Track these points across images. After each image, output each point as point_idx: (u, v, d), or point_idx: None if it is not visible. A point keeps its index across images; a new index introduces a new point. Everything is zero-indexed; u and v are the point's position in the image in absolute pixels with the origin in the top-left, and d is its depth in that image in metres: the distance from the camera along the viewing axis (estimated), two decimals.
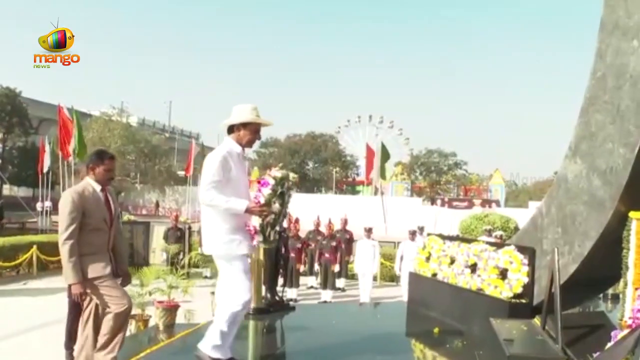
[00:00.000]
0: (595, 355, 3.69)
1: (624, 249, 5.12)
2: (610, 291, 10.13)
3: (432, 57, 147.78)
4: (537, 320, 5.12)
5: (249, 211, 4.44)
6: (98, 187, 4.87)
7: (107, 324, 4.71)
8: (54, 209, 29.67)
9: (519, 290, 5.61)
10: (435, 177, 63.78)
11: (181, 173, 48.00)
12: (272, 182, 4.92)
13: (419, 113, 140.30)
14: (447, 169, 65.10)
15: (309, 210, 19.62)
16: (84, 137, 22.71)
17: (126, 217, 22.60)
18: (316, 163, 66.26)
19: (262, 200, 4.68)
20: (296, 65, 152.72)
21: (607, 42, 5.17)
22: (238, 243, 4.46)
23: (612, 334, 3.93)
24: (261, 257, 7.17)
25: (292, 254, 13.65)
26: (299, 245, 14.10)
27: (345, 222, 15.44)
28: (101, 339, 4.71)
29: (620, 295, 5.55)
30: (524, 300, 5.62)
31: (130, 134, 50.18)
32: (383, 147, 22.59)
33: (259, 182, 4.99)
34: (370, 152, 32.22)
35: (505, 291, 5.71)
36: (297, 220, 14.58)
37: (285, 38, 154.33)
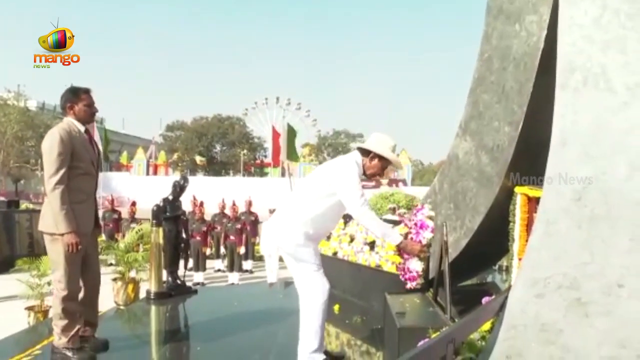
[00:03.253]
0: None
1: (511, 222, 5.38)
2: (505, 263, 10.63)
3: (337, 39, 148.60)
4: (430, 293, 5.31)
5: (402, 246, 4.18)
6: (82, 128, 4.49)
7: (53, 305, 4.49)
8: None
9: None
10: None
11: None
12: (430, 224, 4.61)
13: (326, 95, 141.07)
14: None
15: (216, 194, 19.46)
16: None
17: (24, 205, 21.60)
18: (223, 146, 65.63)
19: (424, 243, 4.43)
20: (202, 47, 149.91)
21: (493, 26, 5.37)
22: (311, 250, 4.15)
23: (483, 300, 4.13)
24: (160, 240, 7.07)
25: (198, 238, 13.53)
26: (205, 229, 13.98)
27: (249, 204, 15.40)
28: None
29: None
30: None
31: (28, 118, 47.86)
32: (289, 127, 22.60)
33: (415, 225, 4.69)
34: (275, 134, 32.10)
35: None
36: (202, 204, 14.44)
37: (191, 19, 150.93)
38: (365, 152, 4.26)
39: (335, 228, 6.07)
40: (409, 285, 4.41)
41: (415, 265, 4.37)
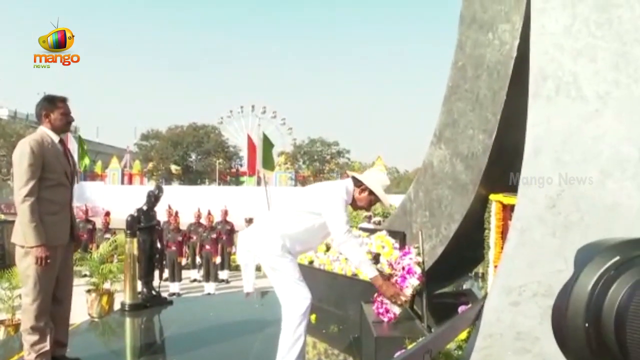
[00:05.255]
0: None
1: (486, 229, 5.41)
2: (481, 270, 10.67)
3: (312, 46, 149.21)
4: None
5: (378, 284, 4.11)
6: (56, 138, 4.41)
7: (22, 320, 4.37)
8: None
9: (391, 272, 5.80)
10: (318, 166, 64.64)
11: None
12: (418, 270, 4.47)
13: (302, 103, 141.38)
14: (330, 158, 66.17)
15: (192, 203, 19.35)
16: None
17: None
18: (199, 155, 65.24)
19: (409, 292, 4.34)
20: (176, 55, 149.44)
21: (466, 35, 5.41)
22: (288, 261, 4.08)
23: (460, 309, 4.14)
24: (135, 251, 6.99)
25: (173, 248, 13.42)
26: (180, 239, 13.87)
27: (225, 213, 15.30)
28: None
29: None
30: None
31: None
32: (265, 136, 22.55)
33: (403, 269, 4.61)
34: (251, 143, 32.10)
35: None
36: (176, 213, 14.33)
37: (165, 27, 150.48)
38: (357, 183, 4.26)
39: (316, 248, 6.04)
40: (382, 318, 4.39)
41: (394, 309, 4.34)
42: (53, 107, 4.44)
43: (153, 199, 7.40)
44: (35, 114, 4.55)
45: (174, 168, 61.30)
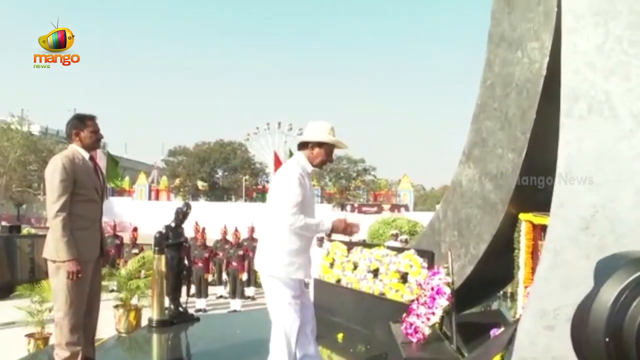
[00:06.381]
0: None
1: (516, 249, 5.34)
2: (509, 290, 10.53)
3: (338, 63, 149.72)
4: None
5: (334, 227, 4.14)
6: (87, 155, 4.56)
7: (54, 335, 4.45)
8: None
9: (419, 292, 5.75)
10: (344, 183, 64.47)
11: None
12: (447, 291, 4.47)
13: (328, 120, 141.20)
14: (356, 175, 65.99)
15: (218, 219, 19.42)
16: None
17: (26, 230, 21.58)
18: (225, 171, 65.69)
19: (439, 312, 4.38)
20: (203, 73, 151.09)
21: (495, 53, 5.38)
22: (297, 267, 4.11)
23: (492, 331, 4.07)
24: (163, 268, 7.02)
25: (200, 264, 13.46)
26: (207, 255, 13.91)
27: (252, 230, 15.33)
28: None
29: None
30: None
31: (31, 143, 47.89)
32: (291, 154, 22.59)
33: (432, 289, 4.61)
34: (277, 160, 32.26)
35: (406, 294, 5.83)
36: (203, 230, 14.39)
37: (192, 45, 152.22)
38: (305, 145, 4.29)
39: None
40: (411, 339, 4.33)
41: (424, 329, 4.28)
42: (83, 125, 4.59)
43: (181, 215, 7.44)
44: (66, 132, 4.71)
45: (200, 184, 61.66)
